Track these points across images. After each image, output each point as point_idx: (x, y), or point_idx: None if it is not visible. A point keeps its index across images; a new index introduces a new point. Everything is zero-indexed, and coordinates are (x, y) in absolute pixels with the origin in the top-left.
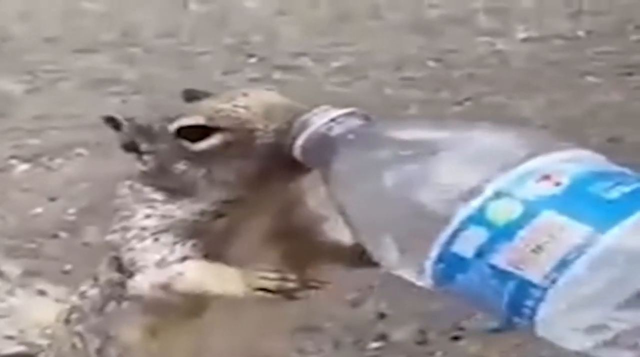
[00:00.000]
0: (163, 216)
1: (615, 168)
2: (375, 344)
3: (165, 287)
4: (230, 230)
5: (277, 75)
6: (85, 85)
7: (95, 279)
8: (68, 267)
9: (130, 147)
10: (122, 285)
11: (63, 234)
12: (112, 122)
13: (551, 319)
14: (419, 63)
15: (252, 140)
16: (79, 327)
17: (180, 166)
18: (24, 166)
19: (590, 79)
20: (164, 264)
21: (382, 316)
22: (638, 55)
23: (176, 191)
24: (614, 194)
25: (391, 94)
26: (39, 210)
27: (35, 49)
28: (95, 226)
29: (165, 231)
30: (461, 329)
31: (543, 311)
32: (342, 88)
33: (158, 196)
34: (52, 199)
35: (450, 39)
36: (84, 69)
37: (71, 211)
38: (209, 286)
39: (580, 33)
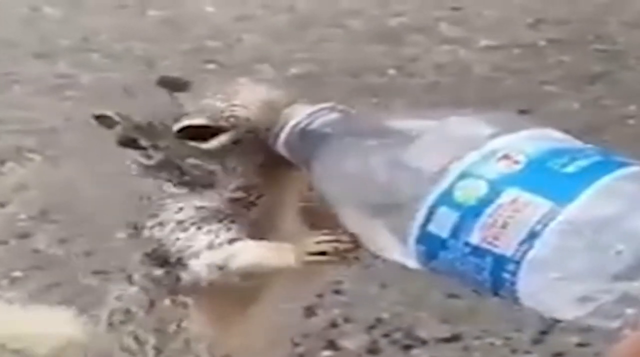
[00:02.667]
0: (195, 208)
1: (575, 144)
2: (326, 353)
3: (221, 268)
4: (261, 212)
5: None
6: (40, 90)
7: (129, 279)
8: (17, 273)
9: (129, 143)
10: (171, 277)
11: (13, 241)
12: (105, 120)
13: (531, 291)
14: (379, 71)
15: (256, 135)
16: (130, 328)
17: (192, 161)
18: None
19: (550, 88)
20: (216, 246)
21: (334, 324)
22: (598, 65)
23: (193, 184)
24: (571, 168)
25: (350, 102)
26: None
27: None
28: (46, 232)
29: (204, 219)
30: (413, 338)
31: (521, 284)
32: (300, 95)
33: (176, 190)
34: (2, 205)
35: (412, 47)
36: (40, 73)
37: (22, 216)
38: (264, 261)
39: (541, 42)
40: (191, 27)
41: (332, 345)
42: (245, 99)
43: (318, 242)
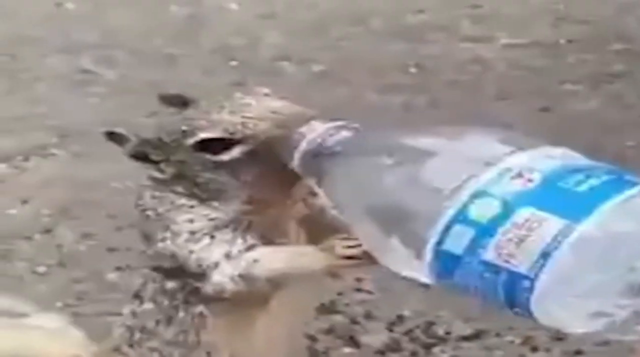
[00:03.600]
0: (206, 219)
1: (586, 162)
2: (347, 350)
3: (245, 277)
4: (269, 223)
5: (257, 79)
6: (63, 86)
7: (138, 296)
8: (41, 269)
9: (140, 157)
10: (186, 289)
11: (37, 236)
12: (116, 137)
13: (545, 307)
14: (400, 69)
15: (268, 148)
16: (152, 344)
17: (204, 174)
18: None
19: (570, 86)
20: (234, 256)
21: (354, 322)
22: (618, 64)
23: (204, 196)
24: (584, 186)
25: (372, 99)
26: (12, 211)
27: (14, 49)
28: (69, 228)
29: (217, 229)
30: (434, 336)
31: (535, 300)
32: (322, 93)
33: (185, 201)
34: (26, 201)
35: (432, 45)
36: (63, 69)
37: (45, 212)
38: (290, 266)
39: (562, 41)
40: (214, 24)
41: (353, 342)
42: (259, 112)
43: (348, 246)
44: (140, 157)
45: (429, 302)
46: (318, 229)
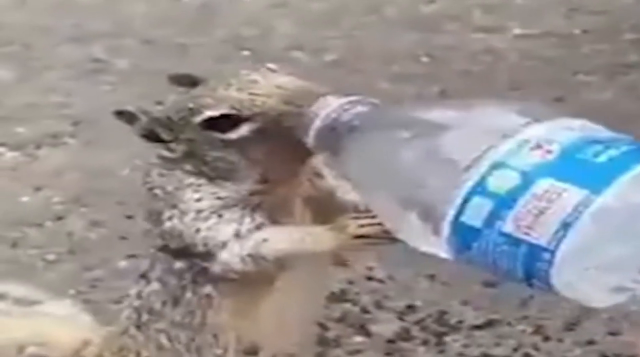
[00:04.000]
0: (214, 197)
1: (606, 134)
2: (357, 339)
3: (254, 256)
4: (277, 202)
5: None
6: (75, 75)
7: (145, 277)
8: (51, 256)
9: (151, 136)
10: (193, 269)
11: (48, 223)
12: (126, 116)
13: (566, 280)
14: (413, 58)
15: (276, 125)
16: (159, 325)
17: (213, 153)
18: (11, 154)
19: (584, 77)
20: (242, 235)
21: (365, 311)
22: (633, 55)
23: (213, 175)
24: (603, 157)
25: (384, 89)
26: (24, 199)
27: (27, 38)
28: (80, 216)
29: (224, 208)
30: (445, 324)
31: (556, 273)
32: (334, 82)
33: (194, 179)
34: (38, 188)
35: (445, 35)
36: (75, 58)
37: (57, 200)
38: (300, 246)
39: (576, 31)
40: (226, 14)
41: (364, 331)
42: (265, 88)
43: (361, 225)
44: (150, 136)
45: (441, 292)
46: (323, 210)
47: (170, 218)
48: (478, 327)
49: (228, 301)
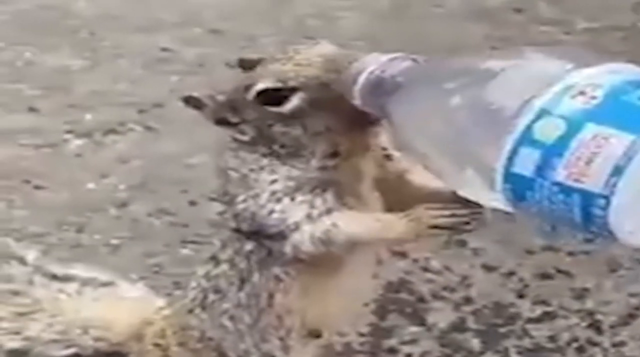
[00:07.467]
0: (286, 178)
1: None
2: (413, 329)
3: (324, 240)
4: (344, 180)
5: None
6: (144, 64)
7: (214, 258)
8: (115, 241)
9: (224, 121)
10: (262, 251)
11: (112, 210)
12: (193, 101)
13: (623, 224)
14: (477, 50)
15: (327, 93)
16: (225, 306)
17: (276, 129)
18: (78, 141)
19: None
20: (314, 218)
21: (422, 300)
22: None
23: (283, 154)
24: None
25: None
26: (90, 185)
27: (96, 26)
28: (145, 203)
29: (297, 190)
30: (502, 316)
31: (613, 218)
32: None
33: (266, 161)
34: (104, 175)
35: (510, 27)
36: (143, 47)
37: (122, 187)
38: (372, 232)
39: None
40: (293, 4)
41: (419, 321)
42: (308, 57)
43: (437, 216)
44: (221, 121)
45: (497, 283)
46: (393, 194)
47: (245, 200)
48: (533, 320)
49: (296, 283)
